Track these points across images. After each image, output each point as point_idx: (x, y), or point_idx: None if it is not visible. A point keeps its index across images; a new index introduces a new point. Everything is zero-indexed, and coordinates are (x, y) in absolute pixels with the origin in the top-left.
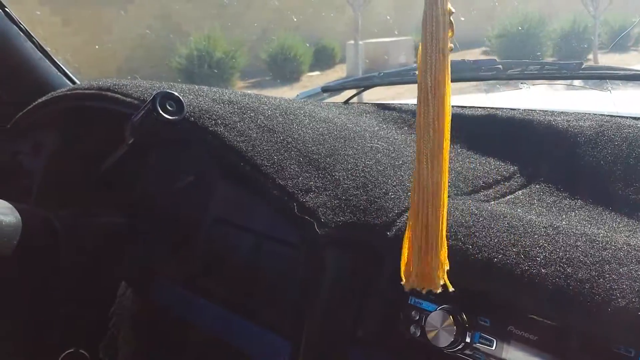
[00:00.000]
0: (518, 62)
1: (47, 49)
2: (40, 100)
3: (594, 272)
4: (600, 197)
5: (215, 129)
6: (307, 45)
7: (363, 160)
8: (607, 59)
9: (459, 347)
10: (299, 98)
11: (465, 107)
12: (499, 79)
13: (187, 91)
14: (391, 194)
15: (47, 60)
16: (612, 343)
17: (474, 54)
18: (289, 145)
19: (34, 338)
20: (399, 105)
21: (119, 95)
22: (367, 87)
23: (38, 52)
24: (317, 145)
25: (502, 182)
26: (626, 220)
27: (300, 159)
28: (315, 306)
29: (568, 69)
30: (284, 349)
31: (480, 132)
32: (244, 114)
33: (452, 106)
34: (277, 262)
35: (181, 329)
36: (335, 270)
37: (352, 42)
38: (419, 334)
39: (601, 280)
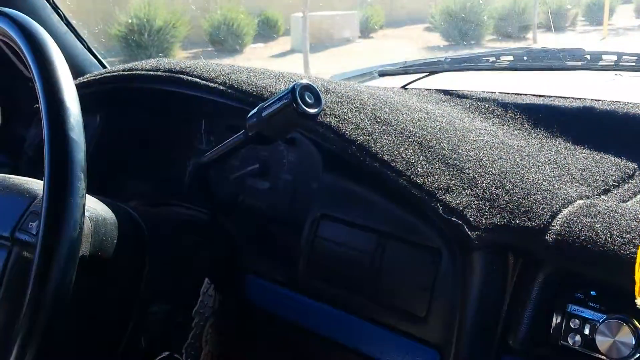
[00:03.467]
0: (609, 52)
1: (73, 21)
2: (90, 78)
3: None
4: None
5: (330, 120)
6: (251, 16)
7: (487, 156)
8: (544, 39)
9: (636, 357)
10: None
11: (555, 97)
12: (590, 69)
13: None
14: (533, 195)
15: (72, 35)
16: None
17: (417, 29)
18: (409, 139)
19: (128, 339)
20: (472, 94)
21: (198, 80)
22: (432, 73)
23: (64, 25)
24: (436, 139)
25: (628, 180)
26: None
27: (427, 155)
28: (466, 313)
29: None
30: (429, 357)
31: (580, 125)
32: (349, 103)
33: (543, 96)
34: (410, 266)
35: (286, 329)
36: (486, 275)
37: (298, 14)
38: (580, 344)
39: None
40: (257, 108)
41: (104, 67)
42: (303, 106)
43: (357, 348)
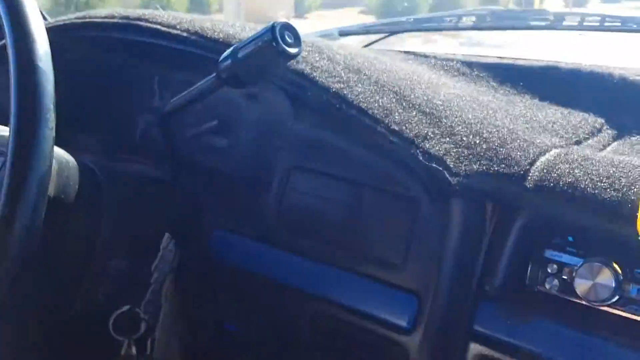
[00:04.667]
0: (573, 13)
1: None
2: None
3: None
4: None
5: (303, 67)
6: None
7: (461, 107)
8: None
9: (613, 301)
10: None
11: (520, 59)
12: (555, 29)
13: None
14: (510, 143)
15: None
16: None
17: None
18: (384, 88)
19: (85, 294)
20: (435, 54)
21: (159, 26)
22: (393, 33)
23: None
24: (410, 89)
25: (597, 134)
26: None
27: (403, 103)
28: (444, 258)
29: (635, 22)
30: (407, 303)
31: (546, 84)
32: (321, 53)
33: (507, 57)
34: (386, 215)
35: (255, 284)
36: (465, 223)
37: None
38: (557, 288)
39: None
40: (231, 49)
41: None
42: (283, 45)
43: (332, 298)
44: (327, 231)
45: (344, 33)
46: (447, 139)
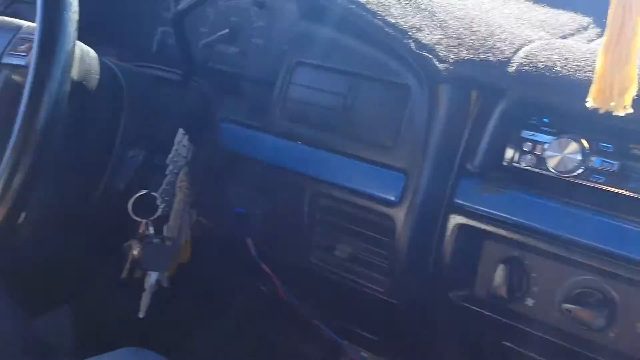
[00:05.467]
0: None
1: None
2: None
3: None
4: None
5: None
6: None
7: (454, 4)
8: None
9: (579, 172)
10: None
11: None
12: None
13: None
14: (498, 35)
15: None
16: None
17: None
18: None
19: (107, 180)
20: None
21: None
22: None
23: None
24: None
25: (582, 31)
26: None
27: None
28: (430, 140)
29: None
30: (396, 180)
31: None
32: None
33: None
34: (380, 102)
35: (261, 171)
36: (451, 107)
37: None
38: (531, 163)
39: None
40: None
41: None
42: None
43: (329, 179)
44: (326, 120)
45: None
46: (439, 30)
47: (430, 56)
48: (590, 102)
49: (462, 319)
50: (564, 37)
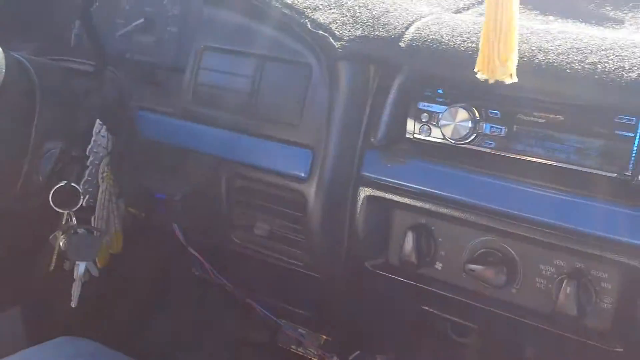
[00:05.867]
0: None
1: None
2: None
3: (602, 57)
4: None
5: None
6: None
7: None
8: None
9: (472, 138)
10: None
11: None
12: None
13: None
14: (392, 12)
15: None
16: (614, 113)
17: None
18: None
19: (25, 174)
20: None
21: None
22: None
23: None
24: None
25: (477, 6)
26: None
27: None
28: (334, 116)
29: None
30: (304, 157)
31: None
32: None
33: None
34: (285, 82)
35: (178, 156)
36: (351, 83)
37: None
38: (428, 134)
39: (610, 61)
40: None
41: None
42: None
43: (242, 160)
44: (236, 102)
45: None
46: (335, 10)
47: (326, 34)
48: (478, 72)
49: (380, 287)
50: (457, 12)
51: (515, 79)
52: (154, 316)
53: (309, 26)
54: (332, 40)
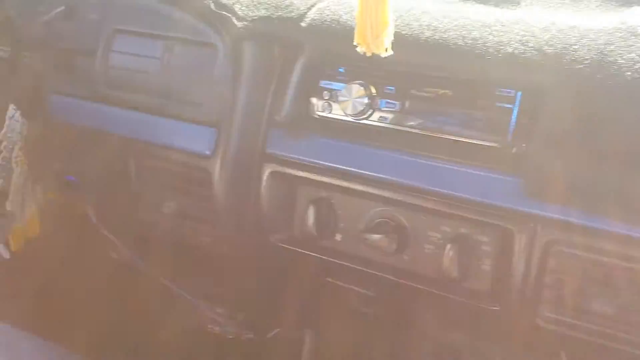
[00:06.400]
0: None
1: None
2: None
3: (484, 32)
4: None
5: None
6: None
7: None
8: None
9: (369, 114)
10: None
11: None
12: None
13: None
14: None
15: None
16: (495, 87)
17: None
18: None
19: None
20: None
21: None
22: None
23: None
24: None
25: None
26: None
27: None
28: (238, 94)
29: None
30: (206, 136)
31: None
32: None
33: None
34: (192, 62)
35: (90, 138)
36: (255, 61)
37: None
38: (331, 111)
39: (490, 36)
40: None
41: None
42: None
43: (150, 139)
44: (145, 83)
45: None
46: None
47: (229, 15)
48: (358, 46)
49: (285, 261)
50: None
51: (390, 52)
52: (69, 301)
53: (213, 7)
54: (235, 20)
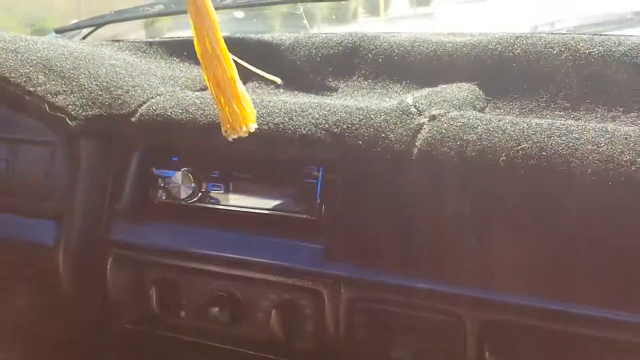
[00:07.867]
0: None
1: None
2: None
3: (285, 117)
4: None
5: None
6: (23, 26)
7: (104, 71)
8: None
9: (198, 197)
10: None
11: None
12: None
13: None
14: (131, 92)
15: None
16: (302, 164)
17: None
18: (33, 62)
19: None
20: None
21: None
22: (100, 25)
23: None
24: (60, 61)
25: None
26: None
27: (46, 72)
28: (77, 188)
29: None
30: (48, 228)
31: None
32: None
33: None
34: (34, 161)
35: None
36: (91, 156)
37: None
38: (165, 196)
39: (291, 121)
40: None
41: None
42: None
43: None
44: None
45: (59, 31)
46: (77, 94)
47: (63, 116)
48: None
49: (137, 342)
50: (200, 90)
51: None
52: None
53: (47, 109)
54: (68, 120)
